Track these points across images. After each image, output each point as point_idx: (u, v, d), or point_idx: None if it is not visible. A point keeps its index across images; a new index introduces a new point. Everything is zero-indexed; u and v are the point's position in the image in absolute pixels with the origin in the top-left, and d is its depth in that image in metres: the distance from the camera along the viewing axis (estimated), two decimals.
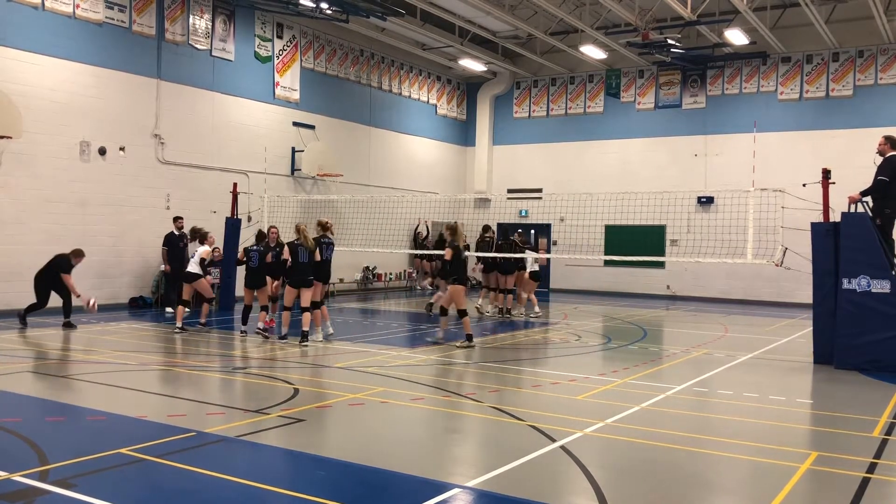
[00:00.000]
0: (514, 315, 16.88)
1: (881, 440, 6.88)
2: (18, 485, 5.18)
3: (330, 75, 22.27)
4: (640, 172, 24.30)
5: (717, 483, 5.83)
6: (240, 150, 19.47)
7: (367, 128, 23.77)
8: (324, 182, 21.88)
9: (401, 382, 9.26)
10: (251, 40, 19.86)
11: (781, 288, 21.58)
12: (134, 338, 12.57)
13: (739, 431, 7.20)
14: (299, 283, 12.06)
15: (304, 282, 12.08)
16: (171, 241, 16.59)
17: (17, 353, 10.73)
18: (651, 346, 13.25)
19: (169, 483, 5.42)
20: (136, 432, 6.67)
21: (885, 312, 10.44)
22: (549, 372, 10.21)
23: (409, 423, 7.49)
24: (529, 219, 26.33)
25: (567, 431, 6.88)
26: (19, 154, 14.89)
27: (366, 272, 23.37)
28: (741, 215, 14.53)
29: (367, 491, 5.36)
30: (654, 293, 24.13)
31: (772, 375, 10.39)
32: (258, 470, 5.85)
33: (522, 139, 27.05)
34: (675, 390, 9.00)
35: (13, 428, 6.72)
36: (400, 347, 12.12)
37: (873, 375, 10.17)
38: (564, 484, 5.61)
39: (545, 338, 14.15)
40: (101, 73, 16.40)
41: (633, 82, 25.09)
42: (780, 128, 22.53)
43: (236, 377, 9.56)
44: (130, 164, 17.00)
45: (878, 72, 21.50)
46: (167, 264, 16.55)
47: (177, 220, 16.76)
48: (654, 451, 6.41)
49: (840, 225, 10.91)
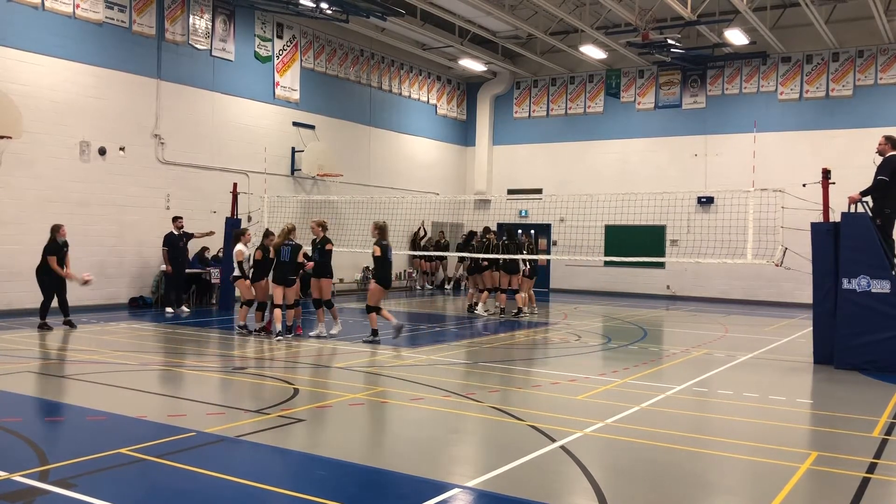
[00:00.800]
0: (525, 314, 17.06)
1: (881, 440, 6.88)
2: (18, 485, 5.18)
3: (330, 75, 22.28)
4: (640, 172, 24.30)
5: (717, 483, 5.83)
6: (240, 150, 19.47)
7: (367, 128, 23.77)
8: (324, 182, 21.88)
9: (401, 382, 9.26)
10: (251, 40, 19.86)
11: (781, 288, 21.58)
12: (134, 338, 12.57)
13: (739, 431, 7.20)
14: (280, 281, 12.70)
15: (285, 280, 12.67)
16: (170, 241, 16.58)
17: (17, 353, 10.73)
18: (651, 346, 13.24)
19: (169, 483, 5.42)
20: (136, 432, 6.66)
21: (885, 312, 10.43)
22: (549, 372, 10.21)
23: (408, 423, 7.49)
24: (529, 219, 26.34)
25: (567, 431, 6.88)
26: (19, 154, 14.89)
27: (366, 272, 23.35)
28: (741, 215, 14.52)
29: (367, 491, 5.36)
30: (654, 293, 24.13)
31: (772, 375, 10.39)
32: (258, 470, 5.85)
33: (522, 139, 27.05)
34: (675, 390, 9.00)
35: (13, 428, 6.71)
36: (400, 347, 12.11)
37: (873, 375, 10.17)
38: (564, 484, 5.61)
39: (545, 338, 14.15)
40: (101, 73, 16.41)
41: (633, 82, 25.09)
42: (780, 128, 22.53)
43: (236, 377, 9.56)
44: (130, 164, 17.00)
45: (878, 72, 21.50)
46: (168, 265, 16.55)
47: (176, 220, 16.76)
48: (654, 451, 6.41)
49: (840, 225, 10.91)
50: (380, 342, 12.20)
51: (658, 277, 24.18)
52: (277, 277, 12.70)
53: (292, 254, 12.66)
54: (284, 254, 12.65)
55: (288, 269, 12.66)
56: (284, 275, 12.64)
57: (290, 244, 12.72)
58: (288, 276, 12.65)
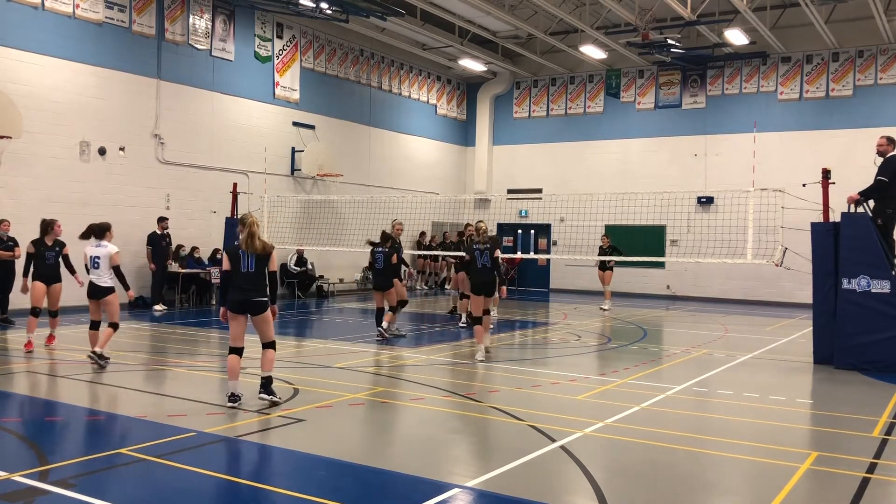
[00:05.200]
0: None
1: (881, 440, 6.88)
2: (18, 485, 5.17)
3: (330, 75, 22.28)
4: (640, 172, 24.30)
5: (718, 483, 5.83)
6: (240, 150, 19.47)
7: (367, 128, 23.77)
8: (324, 182, 21.88)
9: (401, 382, 9.26)
10: (251, 40, 19.86)
11: (781, 288, 21.58)
12: (134, 338, 12.57)
13: (739, 431, 7.20)
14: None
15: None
16: (154, 240, 16.90)
17: (17, 353, 10.73)
18: (651, 346, 13.24)
19: (169, 483, 5.42)
20: (136, 432, 6.67)
21: (885, 312, 10.44)
22: (549, 372, 10.21)
23: (408, 423, 7.49)
24: (529, 219, 26.34)
25: (567, 431, 6.88)
26: (19, 154, 14.89)
27: (366, 272, 23.35)
28: (741, 215, 14.53)
29: (367, 491, 5.36)
30: (654, 293, 24.13)
31: (772, 375, 10.38)
32: (258, 470, 5.85)
33: (522, 139, 27.05)
34: (675, 390, 9.00)
35: (13, 428, 6.72)
36: (400, 347, 12.11)
37: (873, 375, 10.17)
38: (564, 484, 5.61)
39: (545, 338, 14.15)
40: (101, 73, 16.41)
41: (633, 82, 25.09)
42: (780, 128, 22.53)
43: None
44: (130, 164, 17.01)
45: (877, 72, 21.50)
46: (152, 263, 16.84)
47: (161, 220, 17.02)
48: (654, 452, 6.41)
49: (840, 225, 10.91)
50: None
51: (658, 277, 24.18)
52: (376, 284, 13.01)
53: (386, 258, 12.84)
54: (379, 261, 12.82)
55: (384, 274, 12.83)
56: (380, 280, 12.85)
57: (382, 250, 12.85)
58: (384, 281, 12.81)
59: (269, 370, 7.86)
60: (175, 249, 17.57)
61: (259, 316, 7.79)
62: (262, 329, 7.88)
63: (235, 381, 7.72)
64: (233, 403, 7.58)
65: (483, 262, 10.91)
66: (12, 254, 13.65)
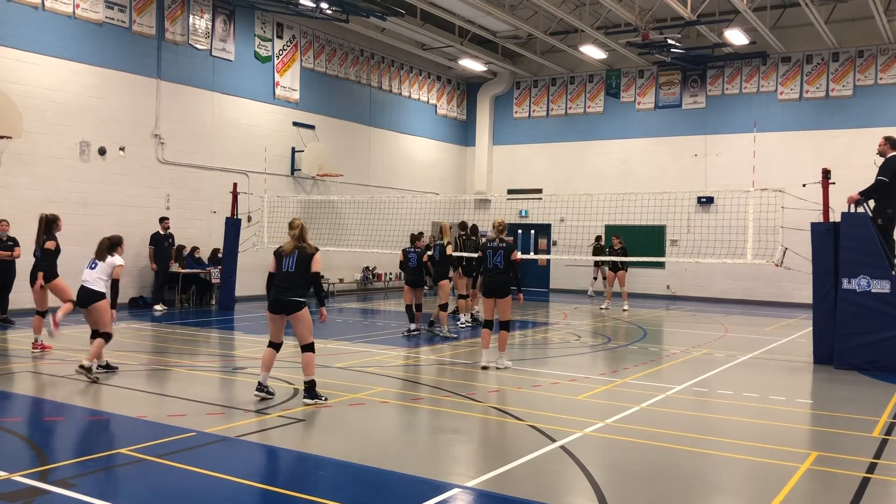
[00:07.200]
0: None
1: (881, 440, 6.88)
2: (18, 485, 5.17)
3: (330, 75, 22.28)
4: (640, 172, 24.31)
5: (718, 483, 5.83)
6: (240, 150, 19.47)
7: (367, 128, 23.77)
8: (324, 182, 21.88)
9: (401, 382, 9.26)
10: (251, 40, 19.86)
11: (781, 288, 21.58)
12: (134, 338, 12.57)
13: (739, 431, 7.20)
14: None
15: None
16: (156, 240, 16.96)
17: (17, 353, 10.73)
18: (651, 346, 13.24)
19: (169, 483, 5.42)
20: (136, 432, 6.66)
21: (885, 312, 10.44)
22: (549, 372, 10.21)
23: (409, 423, 7.49)
24: (529, 219, 26.34)
25: (567, 431, 6.88)
26: (19, 154, 14.89)
27: (366, 272, 23.37)
28: (741, 215, 14.53)
29: (367, 491, 5.36)
30: (654, 293, 24.13)
31: (772, 375, 10.39)
32: (258, 470, 5.85)
33: (522, 139, 27.05)
34: (675, 390, 9.00)
35: (13, 428, 6.71)
36: (400, 347, 12.11)
37: (873, 375, 10.17)
38: (564, 484, 5.61)
39: (545, 338, 14.15)
40: (101, 73, 16.41)
41: (633, 82, 25.09)
42: (780, 128, 22.53)
43: (236, 377, 9.55)
44: (130, 164, 17.01)
45: (877, 72, 21.50)
46: (153, 263, 16.89)
47: (163, 220, 17.06)
48: (654, 451, 6.41)
49: (840, 225, 10.91)
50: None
51: (658, 277, 24.17)
52: (409, 281, 13.56)
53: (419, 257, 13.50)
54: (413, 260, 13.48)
55: (418, 272, 13.56)
56: (415, 277, 13.54)
57: (415, 250, 13.54)
58: (417, 278, 13.56)
59: (310, 374, 7.91)
60: (177, 250, 17.60)
61: (294, 315, 7.89)
62: (297, 330, 7.97)
63: (266, 373, 7.94)
64: (258, 393, 7.89)
65: (495, 262, 10.17)
66: (12, 254, 13.63)
